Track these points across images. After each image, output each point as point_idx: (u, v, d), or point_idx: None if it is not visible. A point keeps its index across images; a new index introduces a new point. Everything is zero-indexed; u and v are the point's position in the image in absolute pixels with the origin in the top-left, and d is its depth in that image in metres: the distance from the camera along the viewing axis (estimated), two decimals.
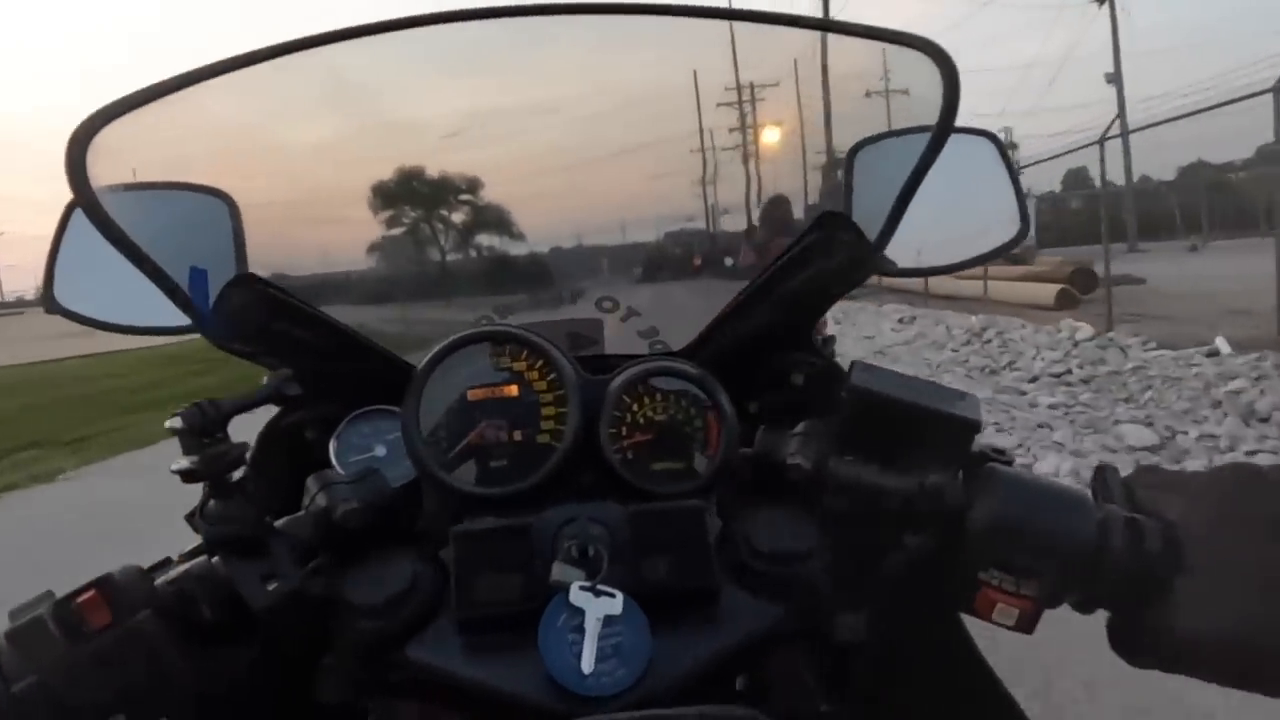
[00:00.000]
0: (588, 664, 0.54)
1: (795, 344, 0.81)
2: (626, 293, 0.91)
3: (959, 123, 0.78)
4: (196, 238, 0.76)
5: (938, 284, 15.01)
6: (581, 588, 0.56)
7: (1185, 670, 0.52)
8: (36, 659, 0.49)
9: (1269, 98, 7.35)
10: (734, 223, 1.22)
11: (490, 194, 0.98)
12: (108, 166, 0.58)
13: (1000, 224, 0.82)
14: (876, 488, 0.59)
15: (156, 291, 0.65)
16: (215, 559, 0.58)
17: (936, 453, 0.58)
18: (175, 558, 0.60)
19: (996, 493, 0.56)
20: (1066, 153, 13.02)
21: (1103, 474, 0.58)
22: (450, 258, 1.05)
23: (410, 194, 0.96)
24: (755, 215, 1.30)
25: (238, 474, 0.59)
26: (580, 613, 0.55)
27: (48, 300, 0.75)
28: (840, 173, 0.86)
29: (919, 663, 0.76)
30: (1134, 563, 0.52)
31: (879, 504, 0.59)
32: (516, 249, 1.03)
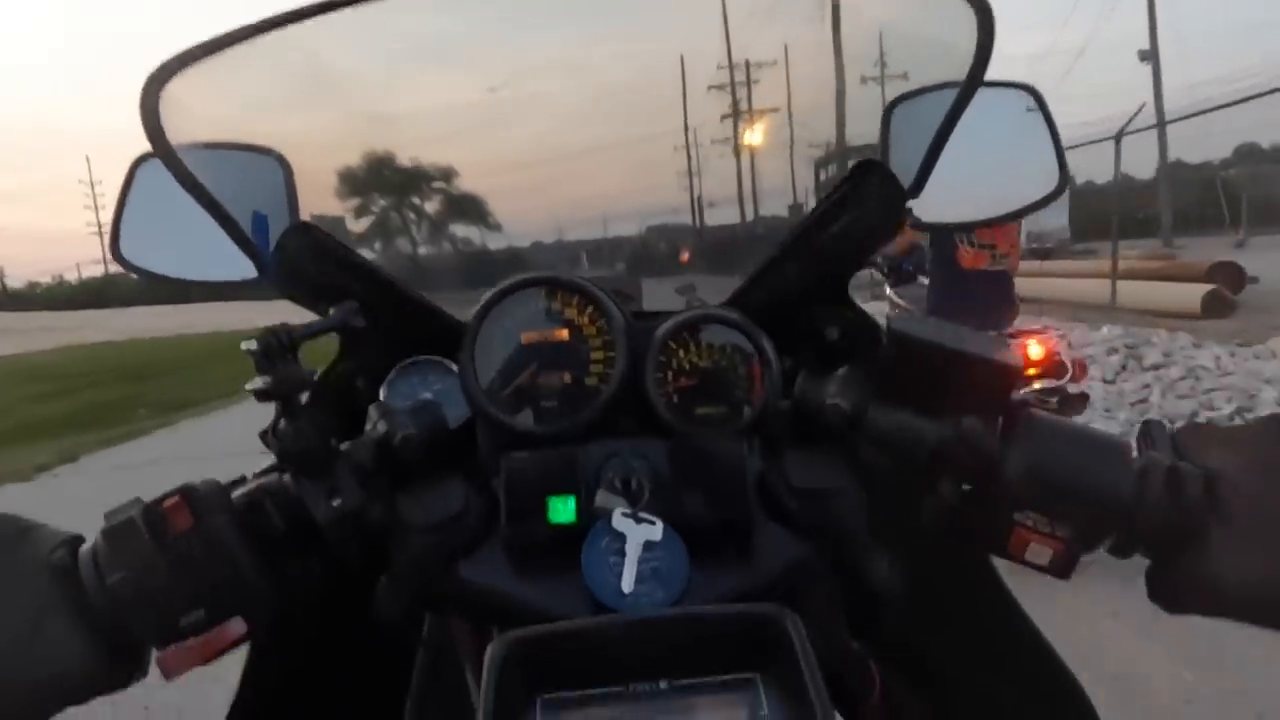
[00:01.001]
0: (628, 584, 0.56)
1: (832, 298, 0.82)
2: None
3: (999, 76, 0.79)
4: (254, 194, 0.80)
5: (1049, 289, 12.62)
6: (623, 514, 0.59)
7: (1223, 614, 0.53)
8: (127, 556, 0.54)
9: None
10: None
11: (540, 157, 1.00)
12: (171, 121, 0.62)
13: (1039, 178, 0.83)
14: (914, 431, 0.60)
15: (215, 245, 0.69)
16: (285, 476, 0.61)
17: (976, 398, 0.59)
18: (249, 476, 0.64)
19: (1033, 437, 0.57)
20: (1088, 143, 12.50)
21: (1148, 427, 0.59)
22: (497, 225, 1.08)
23: (457, 158, 0.99)
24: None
25: (304, 398, 0.63)
26: (622, 537, 0.58)
27: (115, 254, 0.79)
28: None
29: (951, 606, 0.77)
30: (1172, 508, 0.53)
31: (916, 448, 0.60)
32: (556, 232, 1.06)
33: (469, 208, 1.04)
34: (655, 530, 0.58)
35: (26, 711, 0.50)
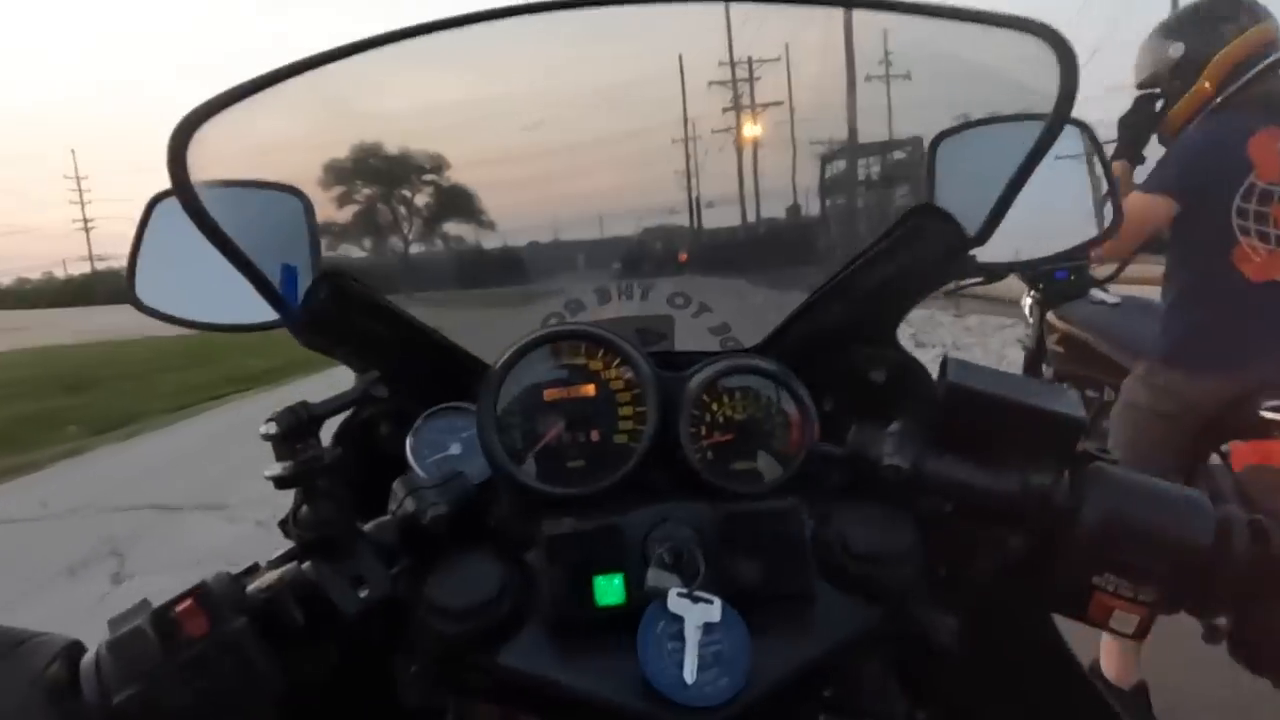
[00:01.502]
0: (690, 674, 0.53)
1: (877, 340, 0.79)
2: (698, 286, 0.90)
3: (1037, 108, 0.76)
4: (274, 233, 0.77)
5: None
6: (679, 594, 0.55)
7: None
8: (136, 669, 0.50)
9: None
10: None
11: (560, 188, 0.98)
12: (194, 164, 0.59)
13: (1088, 217, 0.80)
14: (976, 488, 0.58)
15: (234, 287, 0.66)
16: (305, 564, 0.58)
17: (1039, 452, 0.57)
18: (263, 564, 0.60)
19: (1107, 492, 0.54)
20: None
21: (1211, 473, 0.57)
22: (518, 251, 1.05)
23: (479, 190, 0.96)
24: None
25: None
26: (678, 620, 0.55)
27: (131, 297, 0.76)
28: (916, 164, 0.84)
29: (1011, 667, 0.74)
30: (1257, 565, 0.51)
31: (980, 505, 0.57)
32: (585, 242, 1.03)
33: (484, 222, 1.02)
34: (714, 610, 0.55)
35: None
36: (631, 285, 0.89)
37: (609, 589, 0.58)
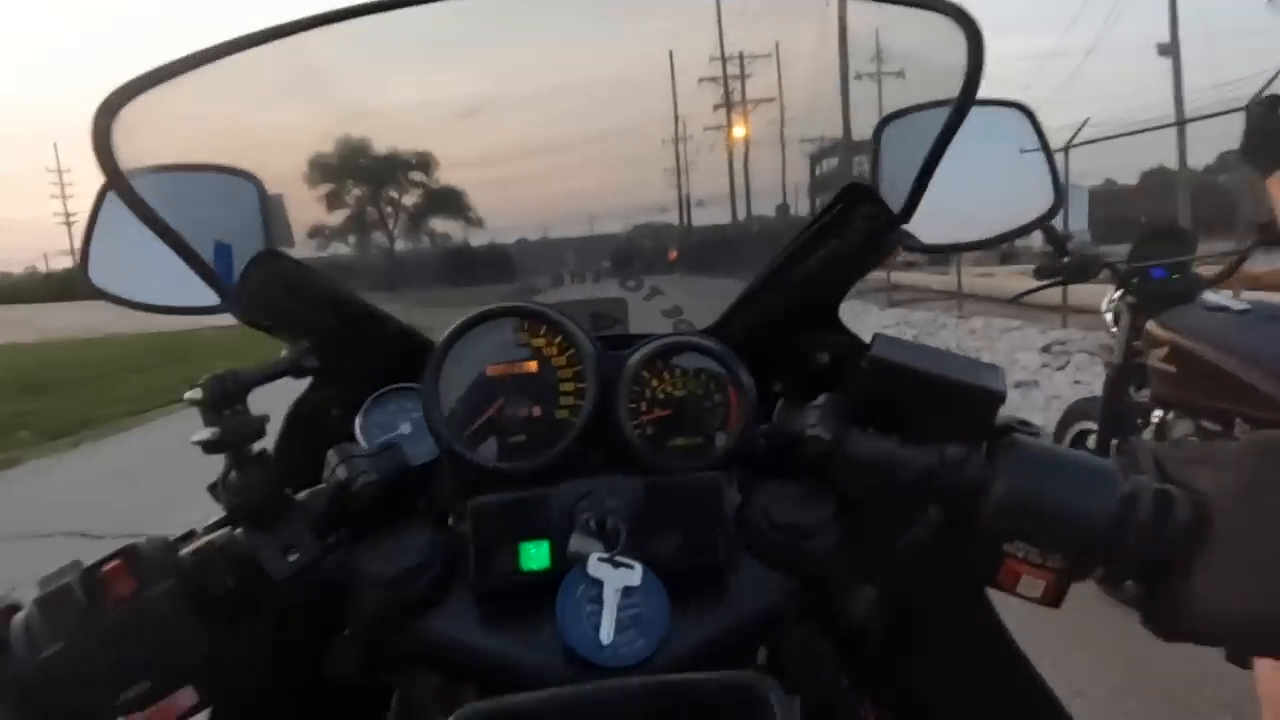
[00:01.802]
0: (606, 634, 0.54)
1: (821, 322, 0.80)
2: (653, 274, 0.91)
3: (993, 95, 0.77)
4: (223, 217, 0.78)
5: None
6: (600, 559, 0.57)
7: (1217, 643, 0.51)
8: (63, 626, 0.50)
9: None
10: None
11: (511, 174, 0.99)
12: (131, 146, 0.60)
13: (1034, 198, 0.81)
14: (896, 460, 0.59)
15: (186, 271, 0.67)
16: (237, 530, 0.59)
17: (959, 425, 0.58)
18: (199, 530, 0.61)
19: (1019, 464, 0.55)
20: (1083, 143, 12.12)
21: (1131, 447, 0.58)
22: (471, 239, 1.06)
23: (429, 175, 0.97)
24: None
25: (257, 446, 0.60)
26: (598, 584, 0.56)
27: (83, 281, 0.77)
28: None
29: (943, 638, 0.75)
30: (1161, 534, 0.51)
31: (898, 476, 0.58)
32: (539, 229, 1.04)
33: (454, 207, 1.03)
34: (634, 575, 0.56)
35: None
36: (585, 272, 0.90)
37: (534, 555, 0.59)
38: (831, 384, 0.78)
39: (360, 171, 0.99)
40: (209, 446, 0.57)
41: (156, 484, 5.56)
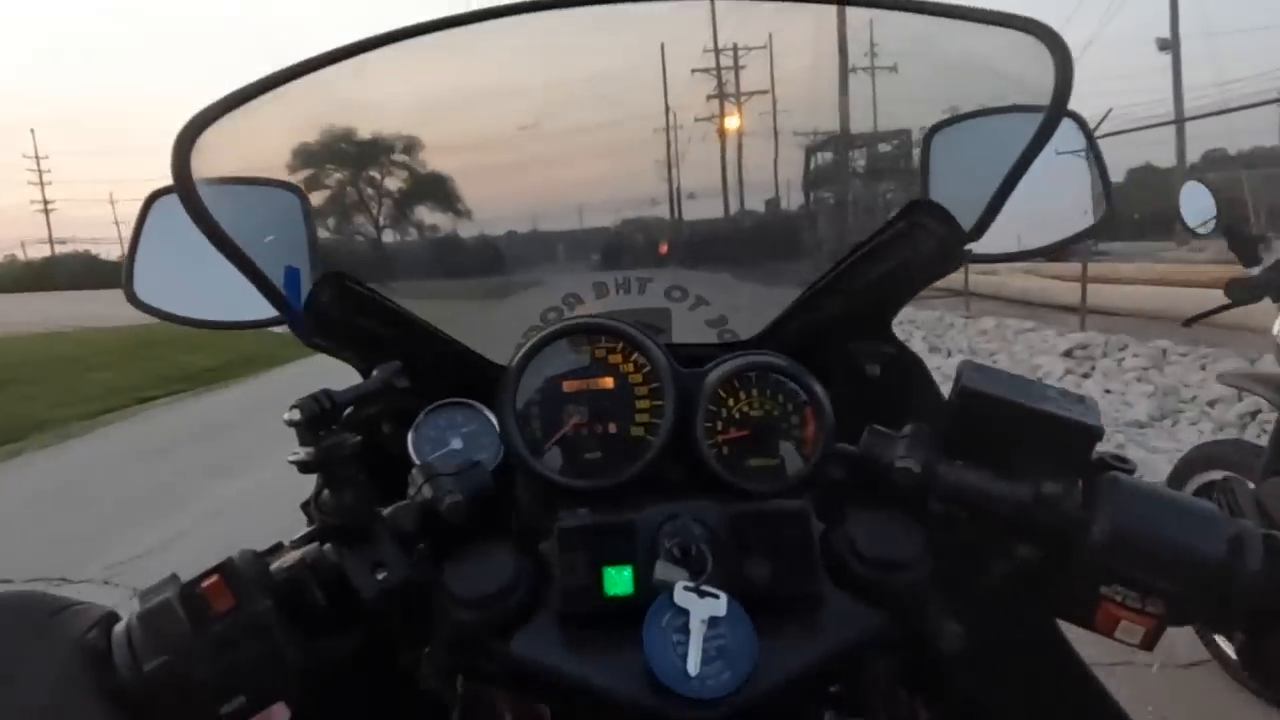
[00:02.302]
0: (693, 666, 0.54)
1: (872, 333, 0.80)
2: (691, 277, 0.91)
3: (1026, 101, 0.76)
4: (270, 229, 0.78)
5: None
6: (686, 588, 0.56)
7: None
8: (165, 640, 0.51)
9: None
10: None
11: (551, 181, 0.99)
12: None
13: (1082, 206, 0.81)
14: (988, 494, 0.58)
15: (231, 285, 0.67)
16: (327, 547, 0.60)
17: (1053, 459, 0.57)
18: (287, 543, 0.62)
19: (1119, 503, 0.54)
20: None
21: (1229, 485, 0.57)
22: (513, 243, 1.06)
23: (469, 183, 0.98)
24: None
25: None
26: (684, 613, 0.55)
27: (129, 295, 0.77)
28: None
29: (1016, 667, 0.74)
30: (1271, 583, 0.50)
31: (991, 511, 0.58)
32: (579, 233, 1.04)
33: (475, 216, 1.04)
34: (720, 605, 0.55)
35: None
36: (629, 279, 0.90)
37: (618, 580, 0.59)
38: (882, 396, 0.78)
39: (377, 172, 1.00)
40: (305, 467, 0.58)
41: (95, 508, 5.28)
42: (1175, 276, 13.45)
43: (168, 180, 0.62)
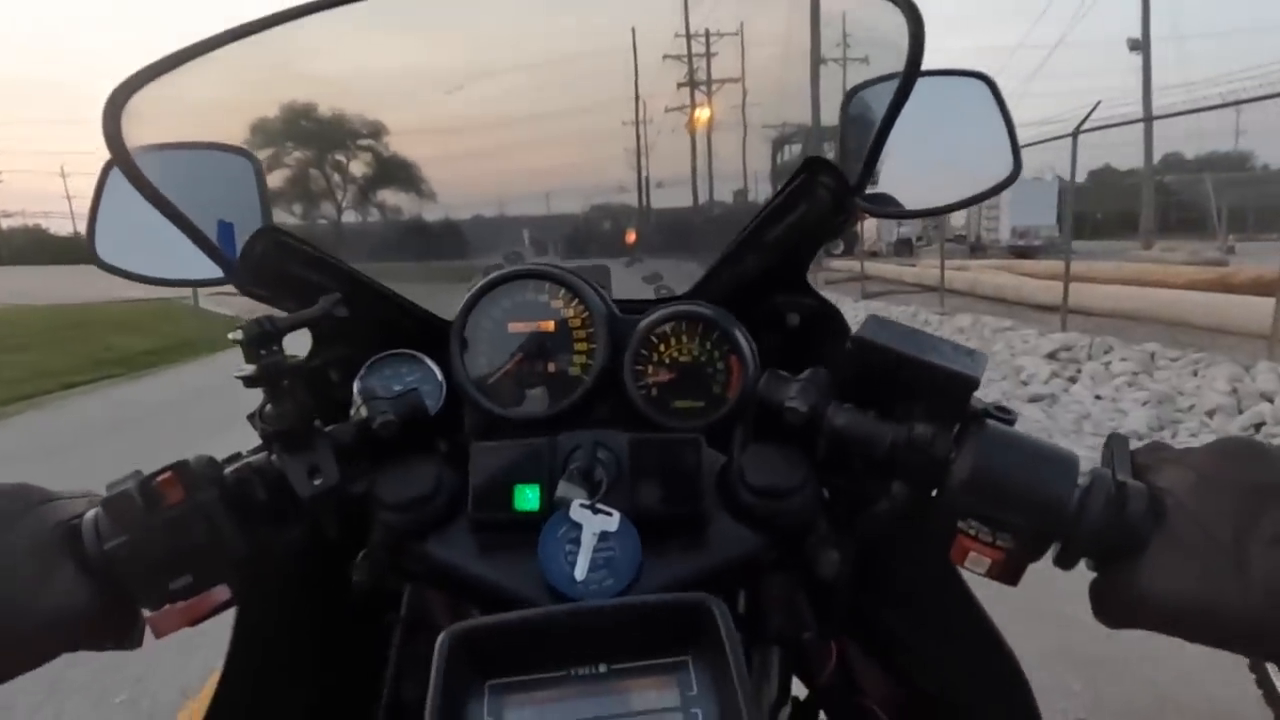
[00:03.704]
0: (580, 572, 0.61)
1: (791, 285, 0.86)
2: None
3: (957, 65, 0.82)
4: (223, 193, 0.84)
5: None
6: (582, 505, 0.63)
7: (1161, 629, 0.55)
8: (125, 524, 0.59)
9: None
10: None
11: (500, 148, 1.05)
12: (137, 127, 0.65)
13: (994, 165, 0.87)
14: (868, 435, 0.63)
15: (188, 246, 0.72)
16: (273, 456, 0.67)
17: (934, 406, 0.62)
18: (244, 453, 0.69)
19: (983, 447, 0.59)
20: (1047, 140, 11.77)
21: (1111, 443, 0.62)
22: (461, 224, 1.12)
23: (418, 152, 1.03)
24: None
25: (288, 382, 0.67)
26: (578, 527, 0.63)
27: (92, 255, 0.82)
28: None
29: (910, 589, 0.81)
30: (1114, 523, 0.55)
31: (869, 451, 0.63)
32: (532, 219, 1.10)
33: (424, 185, 1.08)
34: (611, 521, 0.63)
35: (29, 651, 0.56)
36: (567, 239, 0.96)
37: (527, 497, 0.66)
38: (804, 345, 0.85)
39: (335, 144, 1.05)
40: (249, 381, 0.66)
41: None
42: (1151, 276, 13.71)
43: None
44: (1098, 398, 7.25)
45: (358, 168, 1.04)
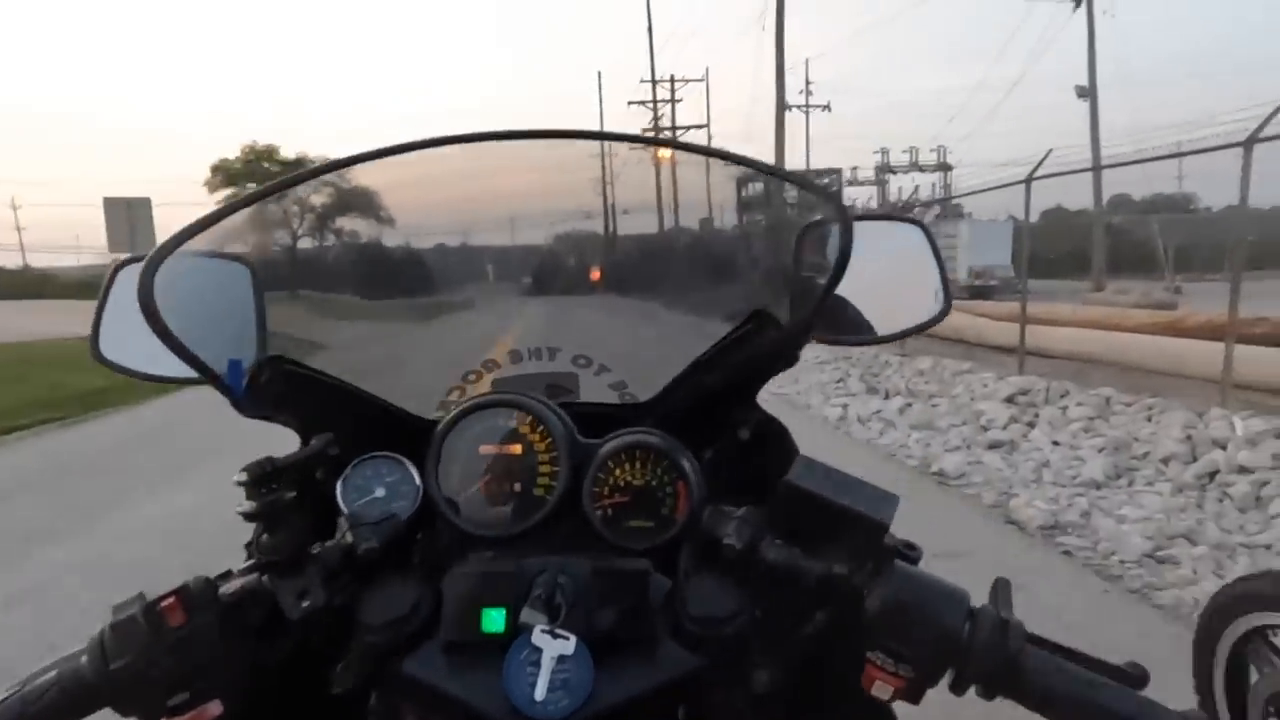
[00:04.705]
0: (540, 694, 0.69)
1: (742, 403, 0.96)
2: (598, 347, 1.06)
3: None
4: (221, 300, 0.91)
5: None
6: (543, 630, 0.71)
7: None
8: (130, 645, 0.66)
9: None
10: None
11: (479, 251, 1.15)
12: None
13: (927, 302, 0.98)
14: (796, 570, 0.73)
15: None
16: (264, 577, 0.75)
17: (850, 546, 0.73)
18: (235, 571, 0.77)
19: (889, 585, 0.70)
20: (1000, 186, 12.78)
21: (996, 585, 0.73)
22: (447, 268, 1.21)
23: (404, 262, 1.12)
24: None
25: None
26: (539, 650, 0.71)
27: (95, 354, 0.89)
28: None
29: (841, 713, 0.89)
30: (991, 650, 0.67)
31: (798, 584, 0.73)
32: (494, 306, 1.20)
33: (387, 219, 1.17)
34: (569, 645, 0.71)
35: None
36: (540, 349, 1.05)
37: (494, 620, 0.74)
38: (753, 456, 0.94)
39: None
40: (249, 517, 0.75)
41: None
42: (1108, 320, 14.17)
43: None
44: (1055, 444, 7.44)
45: (320, 199, 1.12)
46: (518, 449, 0.85)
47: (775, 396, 10.37)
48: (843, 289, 0.86)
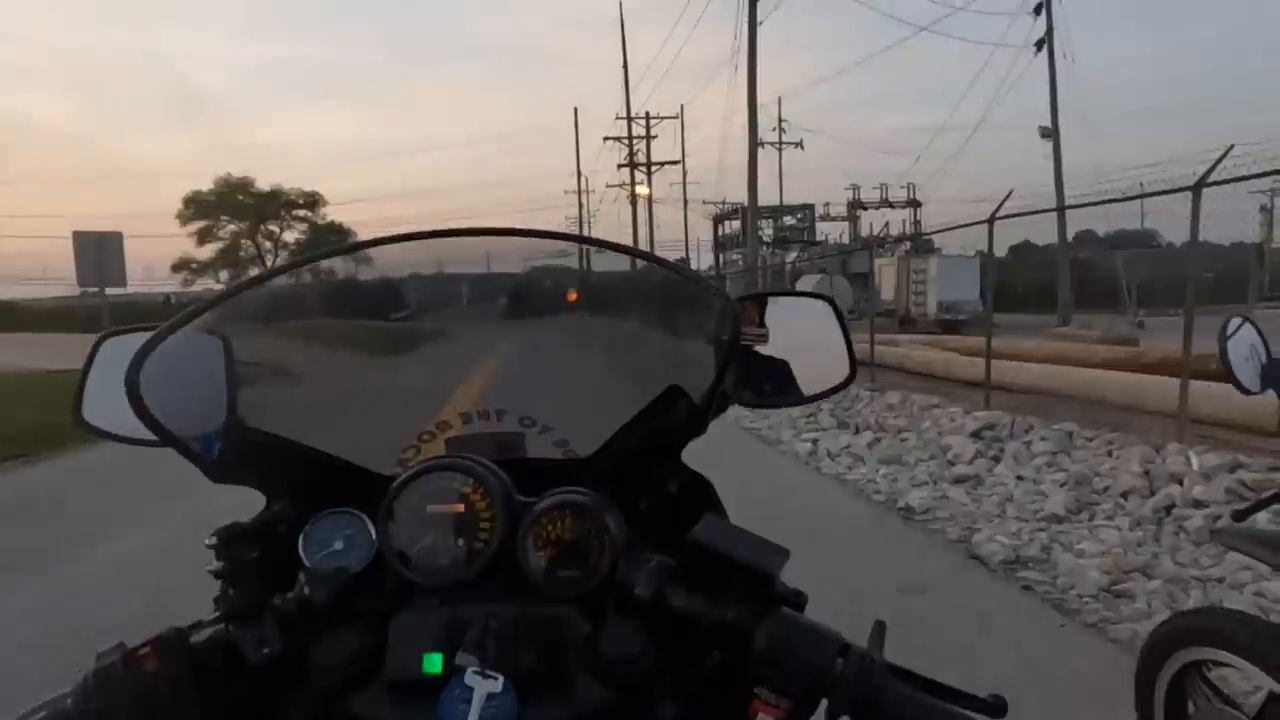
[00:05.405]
0: None
1: (669, 459, 1.07)
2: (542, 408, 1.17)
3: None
4: (195, 373, 1.01)
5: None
6: (474, 671, 0.81)
7: None
8: (112, 690, 0.77)
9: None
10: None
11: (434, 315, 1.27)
12: None
13: (835, 369, 1.10)
14: (696, 616, 0.84)
15: None
16: (229, 627, 0.85)
17: (743, 594, 0.84)
18: (204, 620, 0.87)
19: (769, 629, 0.80)
20: (965, 225, 13.47)
21: (875, 628, 0.84)
22: (394, 382, 1.33)
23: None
24: None
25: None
26: (470, 689, 0.80)
27: (78, 419, 0.98)
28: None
29: None
30: (859, 683, 0.77)
31: (697, 627, 0.84)
32: (447, 371, 1.32)
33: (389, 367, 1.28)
34: (497, 685, 0.80)
35: None
36: (489, 411, 1.15)
37: (432, 662, 0.84)
38: (680, 504, 1.05)
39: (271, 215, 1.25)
40: (217, 575, 0.87)
41: None
42: (1071, 355, 14.57)
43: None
44: (1020, 478, 7.63)
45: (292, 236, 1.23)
46: (461, 507, 0.95)
47: (747, 432, 10.70)
48: (766, 354, 0.98)
